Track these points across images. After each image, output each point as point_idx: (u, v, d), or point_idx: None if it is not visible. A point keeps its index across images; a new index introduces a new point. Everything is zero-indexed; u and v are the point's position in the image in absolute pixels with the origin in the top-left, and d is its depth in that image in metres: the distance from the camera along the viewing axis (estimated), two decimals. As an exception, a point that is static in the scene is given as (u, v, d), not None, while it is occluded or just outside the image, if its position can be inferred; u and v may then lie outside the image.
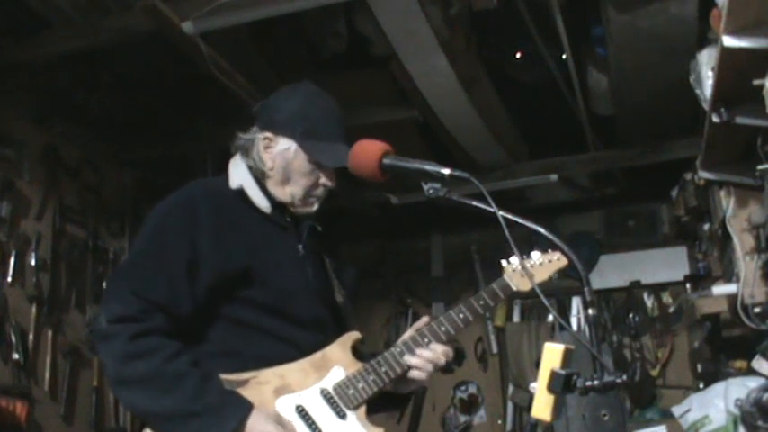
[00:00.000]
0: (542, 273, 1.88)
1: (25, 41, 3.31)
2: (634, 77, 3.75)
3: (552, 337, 5.41)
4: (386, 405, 1.91)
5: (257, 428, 1.62)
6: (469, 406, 5.84)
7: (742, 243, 3.17)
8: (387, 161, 1.61)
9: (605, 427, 3.63)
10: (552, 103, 4.23)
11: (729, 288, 3.27)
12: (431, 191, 1.53)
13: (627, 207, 5.73)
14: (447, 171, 1.52)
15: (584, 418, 3.64)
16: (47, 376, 3.78)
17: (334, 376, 1.79)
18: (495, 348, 5.80)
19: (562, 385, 1.24)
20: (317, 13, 3.37)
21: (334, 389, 1.77)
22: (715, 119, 2.68)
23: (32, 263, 3.75)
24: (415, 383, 1.87)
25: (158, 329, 1.65)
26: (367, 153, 1.63)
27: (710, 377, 3.92)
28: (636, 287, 5.51)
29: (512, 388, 5.62)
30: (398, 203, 5.17)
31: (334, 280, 2.01)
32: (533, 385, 1.28)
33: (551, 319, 5.51)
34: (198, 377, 1.63)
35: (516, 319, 5.82)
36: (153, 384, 1.61)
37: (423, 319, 1.88)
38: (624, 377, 1.28)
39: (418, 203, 4.73)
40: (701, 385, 4.24)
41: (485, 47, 3.87)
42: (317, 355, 1.80)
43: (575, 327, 5.43)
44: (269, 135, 1.87)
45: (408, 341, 1.83)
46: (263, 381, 1.72)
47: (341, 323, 1.95)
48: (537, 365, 1.30)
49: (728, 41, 2.14)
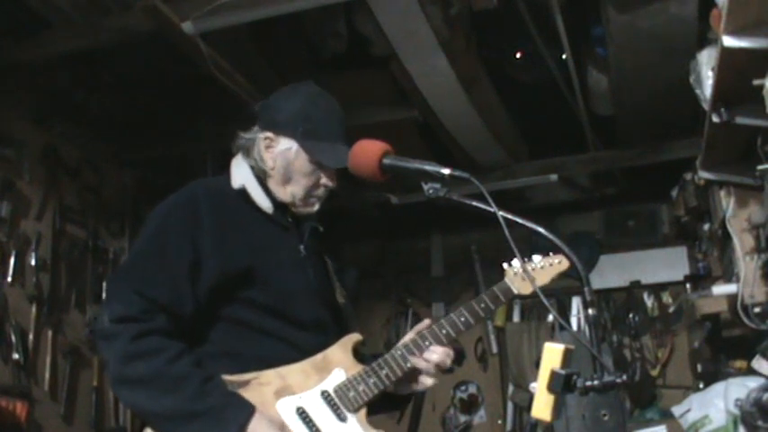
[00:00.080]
0: (544, 276, 1.87)
1: (25, 41, 3.31)
2: (634, 77, 3.75)
3: (552, 337, 5.41)
4: (386, 406, 1.90)
5: (258, 432, 1.61)
6: (469, 406, 5.84)
7: (742, 243, 3.17)
8: (387, 161, 1.61)
9: (605, 427, 3.63)
10: (552, 103, 4.23)
11: (729, 288, 3.27)
12: (431, 191, 1.53)
13: (627, 207, 5.73)
14: (447, 171, 1.52)
15: (584, 418, 3.64)
16: (47, 376, 3.78)
17: (335, 378, 1.79)
18: (495, 348, 5.80)
19: (562, 385, 1.24)
20: (316, 13, 3.37)
21: (335, 391, 1.77)
22: (715, 119, 2.68)
23: (32, 263, 3.75)
24: (419, 385, 1.87)
25: (160, 330, 1.65)
26: (367, 153, 1.63)
27: (710, 377, 3.92)
28: (636, 287, 5.51)
29: (512, 388, 5.62)
30: (398, 203, 5.17)
31: (336, 281, 2.01)
32: (533, 385, 1.28)
33: (551, 319, 5.51)
34: (200, 378, 1.63)
35: (516, 319, 5.82)
36: (154, 385, 1.61)
37: (424, 322, 1.88)
38: (624, 377, 1.28)
39: (418, 203, 4.73)
40: (701, 385, 4.24)
41: (485, 47, 3.87)
42: (318, 357, 1.80)
43: (575, 327, 5.43)
44: (270, 135, 1.87)
45: (409, 344, 1.83)
46: (264, 382, 1.72)
47: (342, 324, 1.95)
48: (537, 365, 1.30)
49: (728, 41, 2.14)
